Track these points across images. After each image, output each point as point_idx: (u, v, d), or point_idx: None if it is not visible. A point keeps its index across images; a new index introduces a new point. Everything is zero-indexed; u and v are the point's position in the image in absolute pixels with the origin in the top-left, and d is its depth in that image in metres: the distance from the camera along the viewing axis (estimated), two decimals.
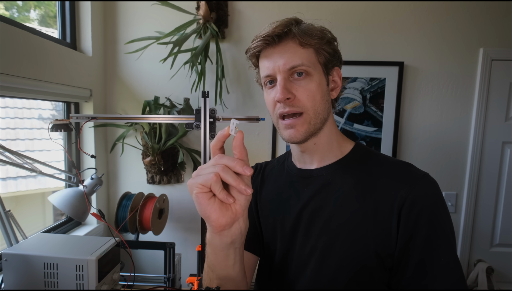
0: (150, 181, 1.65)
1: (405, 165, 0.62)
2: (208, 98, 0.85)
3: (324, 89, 0.62)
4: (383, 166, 0.62)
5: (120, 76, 1.65)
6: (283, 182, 0.71)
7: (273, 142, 1.64)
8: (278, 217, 0.69)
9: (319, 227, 0.61)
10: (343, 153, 0.66)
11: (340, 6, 1.56)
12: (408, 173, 0.59)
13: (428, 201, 0.55)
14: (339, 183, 0.62)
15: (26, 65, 1.12)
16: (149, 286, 1.33)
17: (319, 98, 0.61)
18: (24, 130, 1.40)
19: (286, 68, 0.59)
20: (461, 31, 1.57)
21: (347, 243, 0.58)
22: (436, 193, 0.57)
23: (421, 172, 0.60)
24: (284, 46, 0.60)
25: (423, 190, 0.56)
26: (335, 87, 0.66)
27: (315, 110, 0.60)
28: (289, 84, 0.60)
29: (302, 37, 0.59)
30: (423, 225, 0.54)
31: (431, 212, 0.55)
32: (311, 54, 0.61)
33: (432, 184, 0.58)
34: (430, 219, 0.54)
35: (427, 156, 1.64)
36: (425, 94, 1.61)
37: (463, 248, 1.66)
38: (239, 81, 1.63)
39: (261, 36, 0.61)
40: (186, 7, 1.48)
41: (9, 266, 0.91)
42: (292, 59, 0.59)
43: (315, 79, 0.60)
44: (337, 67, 0.66)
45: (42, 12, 1.47)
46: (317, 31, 0.61)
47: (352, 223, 0.58)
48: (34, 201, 1.55)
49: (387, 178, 0.59)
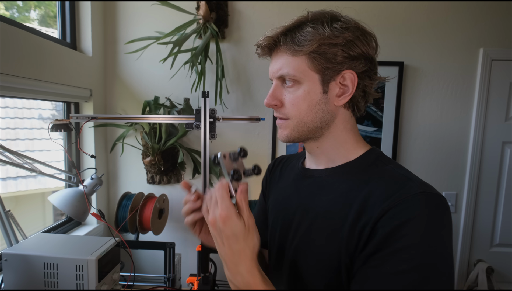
0: (150, 181, 1.65)
1: (404, 179, 0.55)
2: (208, 98, 0.85)
3: (316, 98, 0.59)
4: (382, 177, 0.57)
5: (120, 76, 1.65)
6: (291, 178, 0.73)
7: (273, 142, 1.64)
8: (280, 212, 0.72)
9: (305, 226, 0.63)
10: (349, 158, 0.63)
11: (340, 6, 1.56)
12: (401, 187, 0.52)
13: (407, 218, 0.49)
14: (333, 187, 0.62)
15: (26, 65, 1.12)
16: (149, 286, 1.33)
17: (305, 107, 0.60)
18: (24, 130, 1.40)
19: (275, 76, 0.62)
20: (461, 31, 1.57)
21: (322, 248, 0.58)
22: (426, 213, 0.49)
23: (418, 189, 0.51)
24: (277, 53, 0.62)
25: (409, 206, 0.49)
26: (344, 93, 0.60)
27: (299, 119, 0.61)
28: (280, 91, 0.62)
29: (287, 47, 0.59)
30: (391, 242, 0.48)
31: (409, 227, 0.48)
32: (302, 62, 0.58)
33: (426, 203, 0.50)
34: (401, 235, 0.48)
35: (427, 156, 1.64)
36: (425, 94, 1.61)
37: (463, 248, 1.66)
38: (239, 81, 1.63)
39: (258, 46, 0.64)
40: (186, 7, 1.48)
41: (9, 266, 0.91)
42: (280, 67, 0.60)
43: (303, 88, 0.59)
44: (350, 70, 0.59)
45: (42, 12, 1.47)
46: (313, 36, 0.57)
47: (333, 230, 0.57)
48: (34, 201, 1.55)
49: (379, 190, 0.54)
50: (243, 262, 0.53)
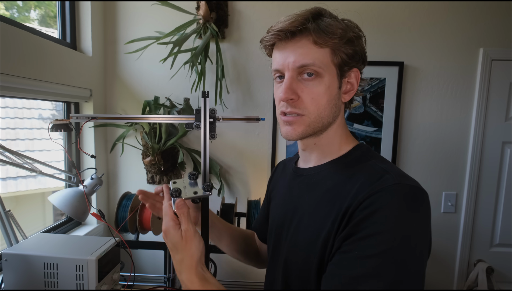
0: (150, 181, 1.65)
1: (382, 171, 0.55)
2: (208, 98, 0.85)
3: (333, 93, 0.59)
4: (364, 171, 0.57)
5: (120, 76, 1.65)
6: (287, 179, 0.75)
7: (273, 142, 1.64)
8: (277, 212, 0.73)
9: (294, 225, 0.64)
10: (339, 154, 0.64)
11: (340, 6, 1.54)
12: (378, 179, 0.53)
13: (378, 207, 0.49)
14: (320, 184, 0.62)
15: (26, 65, 1.12)
16: (149, 286, 1.33)
17: (325, 102, 0.58)
18: (24, 130, 1.40)
19: (296, 66, 0.56)
20: (461, 31, 1.57)
21: (310, 245, 0.58)
22: (395, 202, 0.49)
23: (393, 181, 0.51)
24: (298, 42, 0.56)
25: (381, 196, 0.50)
26: (350, 90, 0.61)
27: (317, 115, 0.58)
28: (296, 84, 0.57)
29: (318, 36, 0.55)
30: (361, 228, 0.49)
31: (379, 215, 0.49)
32: (326, 55, 0.56)
33: (397, 193, 0.50)
34: (371, 222, 0.49)
35: (427, 156, 1.64)
36: (425, 94, 1.61)
37: (463, 248, 1.66)
38: (239, 81, 1.63)
39: (274, 30, 0.57)
40: (186, 7, 1.48)
41: (9, 266, 0.91)
42: (303, 57, 0.56)
43: (325, 82, 0.57)
44: (356, 68, 0.60)
45: (42, 12, 1.47)
46: (339, 29, 0.56)
47: (318, 224, 0.58)
48: (34, 201, 1.55)
49: (359, 183, 0.55)
50: (183, 270, 0.56)
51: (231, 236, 0.86)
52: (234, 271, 1.70)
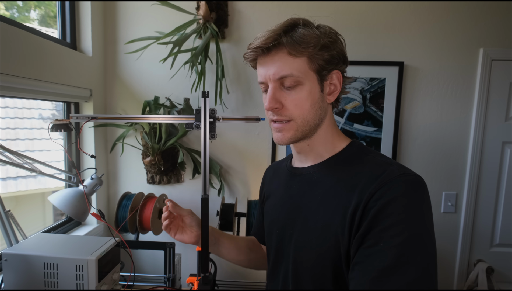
0: (150, 181, 1.65)
1: (385, 164, 0.58)
2: (208, 98, 0.85)
3: (316, 97, 0.62)
4: (366, 165, 0.60)
5: (120, 76, 1.65)
6: (282, 180, 0.76)
7: (273, 142, 1.64)
8: (276, 213, 0.74)
9: (300, 222, 0.65)
10: (335, 151, 0.66)
11: (340, 6, 1.56)
12: (384, 171, 0.56)
13: (392, 197, 0.52)
14: (322, 181, 0.64)
15: (26, 65, 1.12)
16: (149, 286, 1.33)
17: (308, 106, 0.62)
18: (24, 130, 1.40)
19: (276, 78, 0.61)
20: (461, 31, 1.57)
21: (320, 240, 0.60)
22: (407, 191, 0.53)
23: (398, 172, 0.55)
24: (274, 56, 0.61)
25: (392, 187, 0.53)
26: (333, 91, 0.65)
27: (303, 119, 0.62)
28: (279, 93, 0.62)
29: (292, 48, 0.59)
30: (380, 219, 0.52)
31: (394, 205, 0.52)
32: (303, 63, 0.60)
33: (406, 183, 0.54)
34: (389, 213, 0.51)
35: (427, 155, 1.64)
36: (425, 94, 1.61)
37: (463, 248, 1.66)
38: (239, 81, 1.63)
39: (252, 48, 0.63)
40: (186, 7, 1.48)
41: (9, 266, 0.91)
42: (281, 69, 0.60)
43: (306, 88, 0.61)
44: (337, 70, 0.64)
45: (42, 12, 1.47)
46: (312, 38, 0.59)
47: (327, 220, 0.59)
48: (34, 201, 1.55)
49: (365, 177, 0.57)
50: None
51: (238, 248, 0.88)
52: (234, 271, 1.70)
